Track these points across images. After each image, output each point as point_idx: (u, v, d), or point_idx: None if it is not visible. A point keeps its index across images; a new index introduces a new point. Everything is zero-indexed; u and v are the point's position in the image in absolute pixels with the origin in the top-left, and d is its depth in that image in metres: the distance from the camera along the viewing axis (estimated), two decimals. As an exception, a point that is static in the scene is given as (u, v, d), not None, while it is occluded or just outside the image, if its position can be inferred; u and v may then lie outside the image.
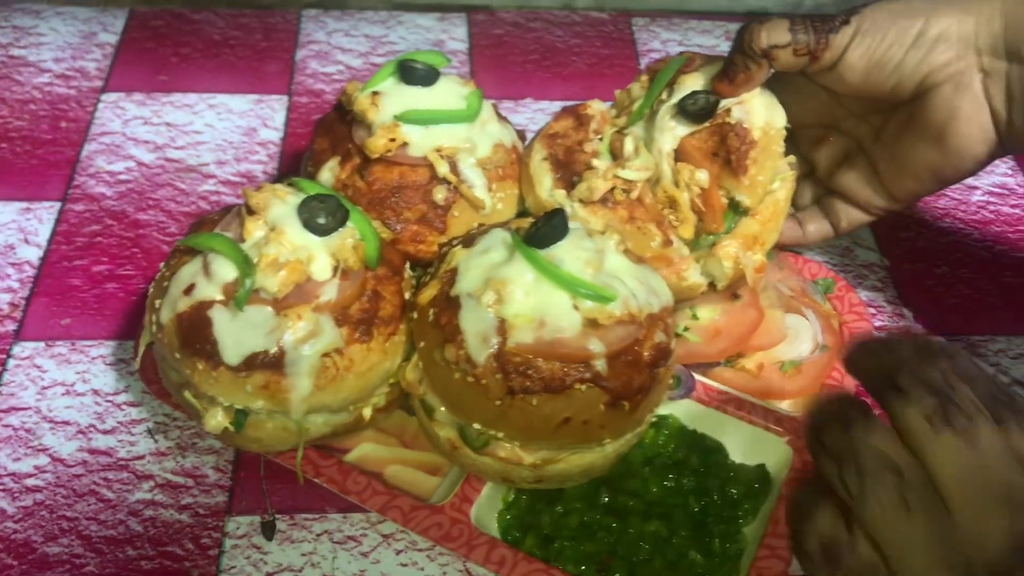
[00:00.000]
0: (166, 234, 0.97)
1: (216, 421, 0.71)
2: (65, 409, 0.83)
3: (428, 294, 0.72)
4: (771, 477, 0.78)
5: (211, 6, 1.26)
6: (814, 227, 0.85)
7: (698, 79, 0.78)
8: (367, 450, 0.80)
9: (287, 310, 0.68)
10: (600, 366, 0.67)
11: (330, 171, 0.83)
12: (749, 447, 0.79)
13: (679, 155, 0.78)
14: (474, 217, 0.83)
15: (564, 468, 0.71)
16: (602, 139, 0.84)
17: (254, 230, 0.70)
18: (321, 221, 0.70)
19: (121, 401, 0.83)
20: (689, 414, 0.81)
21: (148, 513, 0.76)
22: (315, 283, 0.69)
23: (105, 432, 0.81)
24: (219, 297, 0.69)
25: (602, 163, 0.80)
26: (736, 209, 0.79)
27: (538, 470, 0.70)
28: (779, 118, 0.79)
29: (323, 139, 0.85)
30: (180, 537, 0.75)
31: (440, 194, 0.81)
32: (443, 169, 0.81)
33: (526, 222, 0.73)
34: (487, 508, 0.76)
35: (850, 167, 0.82)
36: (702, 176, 0.77)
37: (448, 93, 0.84)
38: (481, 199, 0.82)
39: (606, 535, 0.74)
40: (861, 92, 0.75)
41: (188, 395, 0.72)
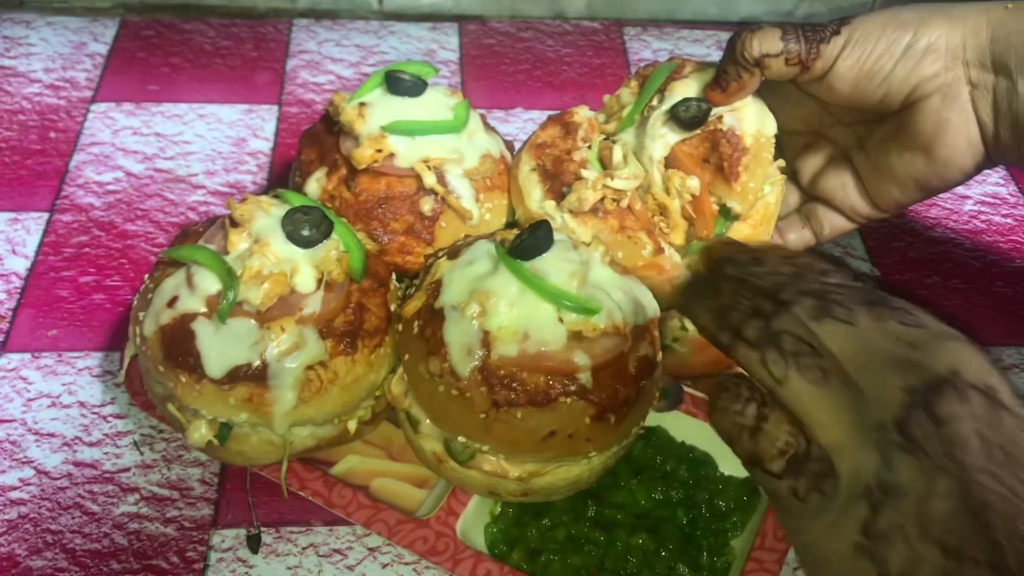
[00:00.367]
0: (154, 245, 0.97)
1: (200, 434, 0.70)
2: (51, 421, 0.82)
3: (413, 306, 0.71)
4: (760, 490, 0.78)
5: (202, 16, 1.26)
6: (795, 236, 0.85)
7: (689, 85, 0.78)
8: (353, 463, 0.79)
9: (271, 323, 0.68)
10: (585, 379, 0.66)
11: (317, 182, 0.83)
12: (738, 460, 0.79)
13: (670, 162, 0.78)
14: (462, 228, 0.83)
15: (550, 481, 0.70)
16: (590, 147, 0.83)
17: (238, 242, 0.70)
18: (305, 233, 0.70)
19: (107, 413, 0.83)
20: (678, 426, 0.81)
21: (133, 526, 0.76)
22: (299, 295, 0.69)
23: (91, 444, 0.81)
24: (202, 309, 0.69)
25: (591, 173, 0.80)
26: (727, 215, 0.78)
27: (524, 483, 0.70)
28: (770, 125, 0.79)
29: (310, 150, 0.85)
30: (165, 550, 0.74)
31: (427, 205, 0.81)
32: (430, 180, 0.81)
33: (511, 234, 0.73)
34: (473, 521, 0.75)
35: (834, 174, 0.82)
36: (693, 183, 0.76)
37: (435, 104, 0.84)
38: (468, 210, 0.82)
39: (594, 548, 0.74)
40: (850, 102, 0.75)
41: (172, 408, 0.72)
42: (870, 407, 0.46)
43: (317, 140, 0.85)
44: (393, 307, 0.75)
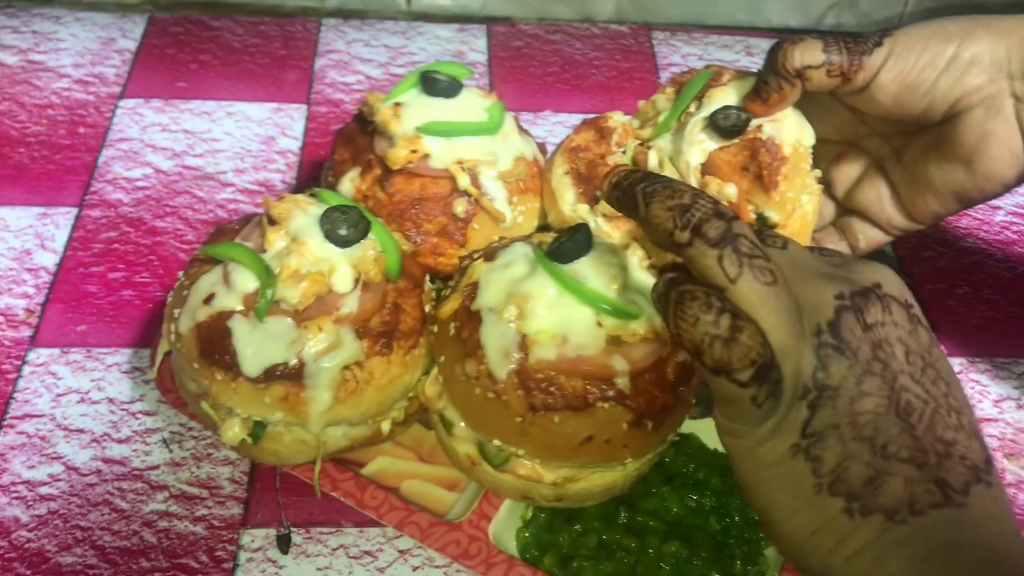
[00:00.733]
0: (183, 242, 0.97)
1: (233, 432, 0.70)
2: (80, 417, 0.82)
3: (449, 308, 0.71)
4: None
5: (231, 13, 1.26)
6: (831, 248, 0.84)
7: (728, 94, 0.77)
8: (384, 464, 0.79)
9: (308, 322, 0.68)
10: (623, 384, 0.66)
11: (350, 182, 0.82)
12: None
13: (707, 168, 0.77)
14: (494, 230, 0.82)
15: (585, 487, 0.70)
16: (624, 152, 0.83)
17: (275, 240, 0.69)
18: (343, 233, 0.69)
19: (136, 410, 0.83)
20: (710, 433, 0.80)
21: (162, 524, 0.75)
22: (336, 295, 0.69)
23: (120, 441, 0.81)
24: (239, 307, 0.68)
25: None
26: (764, 224, 0.78)
27: (559, 488, 0.69)
28: (808, 136, 0.78)
29: (344, 149, 0.85)
30: (194, 549, 0.74)
31: (460, 207, 0.81)
32: (464, 182, 0.80)
33: (548, 236, 0.72)
34: (505, 525, 0.75)
35: (870, 185, 0.82)
36: (731, 190, 0.76)
37: (470, 105, 0.83)
38: (502, 212, 0.82)
39: (626, 555, 0.73)
40: (891, 114, 0.74)
41: (205, 406, 0.72)
42: (807, 314, 0.51)
43: (351, 140, 0.85)
44: (427, 308, 0.74)
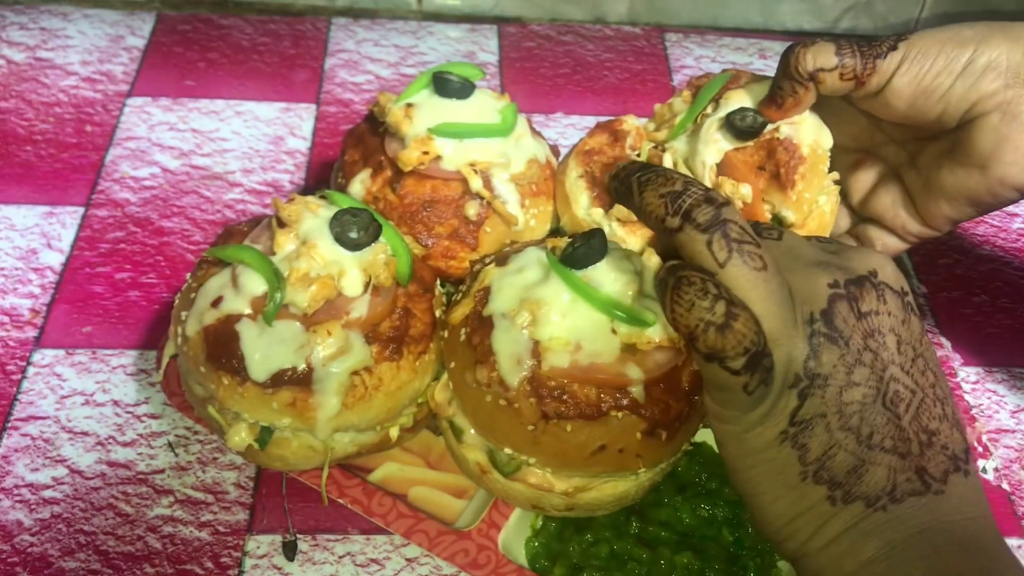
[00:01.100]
0: (190, 242, 0.96)
1: (240, 438, 0.69)
2: (84, 419, 0.81)
3: (460, 313, 0.70)
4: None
5: (240, 12, 1.24)
6: None
7: (744, 96, 0.76)
8: (391, 470, 0.78)
9: (317, 326, 0.66)
10: (637, 393, 0.65)
11: (361, 183, 0.81)
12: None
13: (722, 168, 0.76)
14: (506, 233, 0.81)
15: (597, 496, 0.69)
16: (639, 155, 0.82)
17: (285, 243, 0.68)
18: (353, 236, 0.68)
19: (141, 413, 0.82)
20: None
21: (167, 529, 0.74)
22: (345, 299, 0.68)
23: (124, 444, 0.79)
24: (247, 311, 0.67)
25: None
26: (780, 224, 0.77)
27: (570, 498, 0.68)
28: (826, 138, 0.77)
29: (354, 150, 0.84)
30: (199, 555, 0.73)
31: (472, 209, 0.79)
32: (476, 184, 0.79)
33: (562, 241, 0.71)
34: (515, 534, 0.74)
35: (885, 192, 0.81)
36: (745, 190, 0.75)
37: (482, 107, 0.82)
38: (514, 215, 0.81)
39: (637, 566, 0.72)
40: (905, 119, 0.74)
41: (212, 410, 0.71)
42: (800, 302, 0.51)
43: (362, 141, 0.84)
44: (438, 313, 0.73)
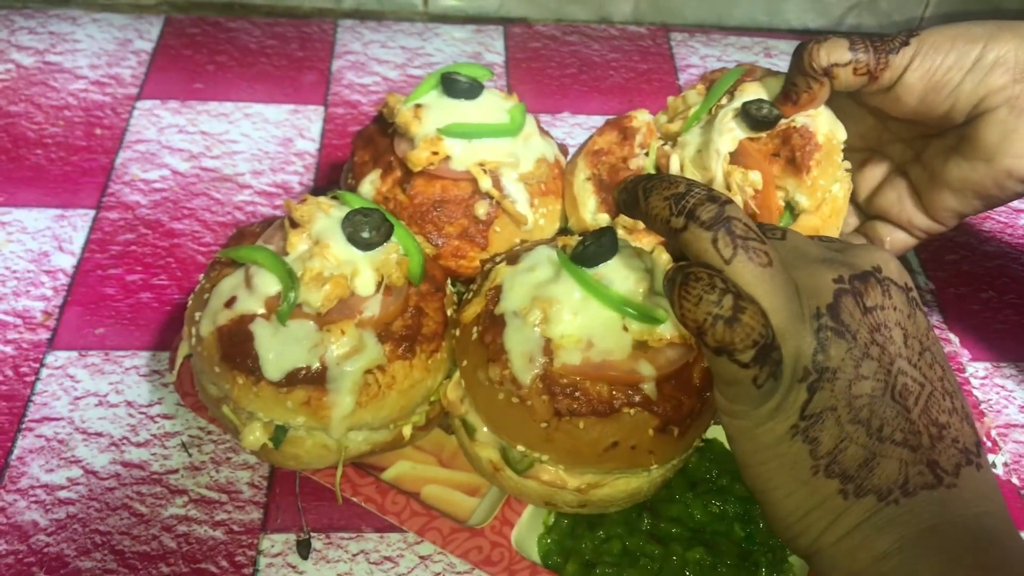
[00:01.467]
0: (201, 244, 0.96)
1: (254, 437, 0.69)
2: (98, 420, 0.81)
3: (472, 312, 0.70)
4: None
5: (247, 15, 1.25)
6: None
7: (759, 90, 0.77)
8: (404, 468, 0.78)
9: (330, 325, 0.67)
10: (649, 389, 0.65)
11: (371, 184, 0.82)
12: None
13: (736, 157, 0.76)
14: (516, 233, 0.82)
15: (609, 493, 0.69)
16: (647, 154, 0.82)
17: (298, 243, 0.69)
18: (365, 235, 0.69)
19: (155, 413, 0.82)
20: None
21: (182, 529, 0.75)
22: (358, 298, 0.68)
23: (138, 445, 0.80)
24: (261, 311, 0.68)
25: None
26: (792, 212, 0.77)
27: (583, 494, 0.68)
28: (840, 131, 0.78)
29: (364, 151, 0.84)
30: (214, 554, 0.73)
31: (482, 209, 0.80)
32: (486, 184, 0.79)
33: (572, 239, 0.71)
34: (528, 531, 0.74)
35: (891, 188, 0.82)
36: (755, 176, 0.75)
37: (491, 107, 0.83)
38: (523, 215, 0.81)
39: (649, 562, 0.72)
40: (915, 114, 0.74)
41: (226, 409, 0.71)
42: (806, 297, 0.52)
43: (371, 141, 0.84)
44: (449, 312, 0.74)
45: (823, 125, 0.76)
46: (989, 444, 0.86)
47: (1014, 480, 0.84)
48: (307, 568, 0.73)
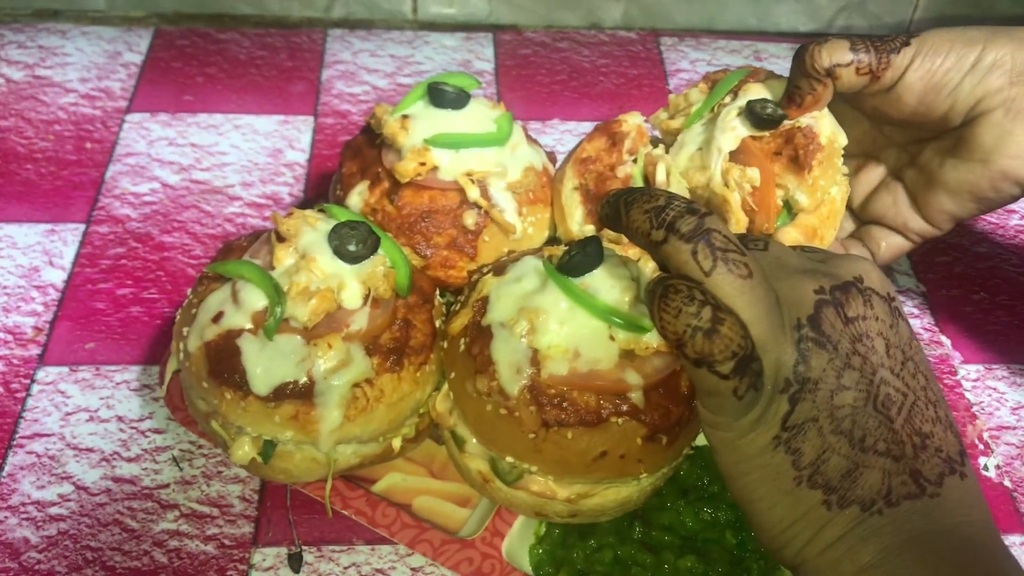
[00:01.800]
0: (191, 257, 0.96)
1: (243, 452, 0.69)
2: (89, 436, 0.81)
3: (459, 323, 0.70)
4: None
5: (236, 26, 1.25)
6: (855, 252, 0.84)
7: (763, 91, 0.78)
8: (395, 480, 0.78)
9: (317, 339, 0.67)
10: (637, 398, 0.65)
11: (359, 195, 0.82)
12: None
13: (738, 154, 0.76)
14: (504, 242, 0.82)
15: (599, 502, 0.69)
16: (636, 160, 0.82)
17: (284, 258, 0.69)
18: (352, 249, 0.69)
19: (145, 428, 0.82)
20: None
21: (173, 544, 0.75)
22: (345, 312, 0.68)
23: (129, 460, 0.80)
24: (248, 326, 0.68)
25: None
26: (790, 211, 0.77)
27: (573, 505, 0.68)
28: (842, 136, 0.79)
29: (352, 163, 0.84)
30: (205, 569, 0.73)
31: (470, 219, 0.80)
32: (474, 193, 0.79)
33: (559, 250, 0.71)
34: (519, 542, 0.74)
35: (886, 192, 0.82)
36: (753, 173, 0.75)
37: (478, 116, 0.83)
38: (512, 224, 0.81)
39: (641, 571, 0.72)
40: (913, 115, 0.75)
41: (215, 424, 0.71)
42: (787, 308, 0.52)
43: (359, 153, 0.84)
44: (437, 323, 0.74)
45: (826, 127, 0.77)
46: (981, 447, 0.86)
47: (1006, 483, 0.84)
48: (299, 581, 0.73)
